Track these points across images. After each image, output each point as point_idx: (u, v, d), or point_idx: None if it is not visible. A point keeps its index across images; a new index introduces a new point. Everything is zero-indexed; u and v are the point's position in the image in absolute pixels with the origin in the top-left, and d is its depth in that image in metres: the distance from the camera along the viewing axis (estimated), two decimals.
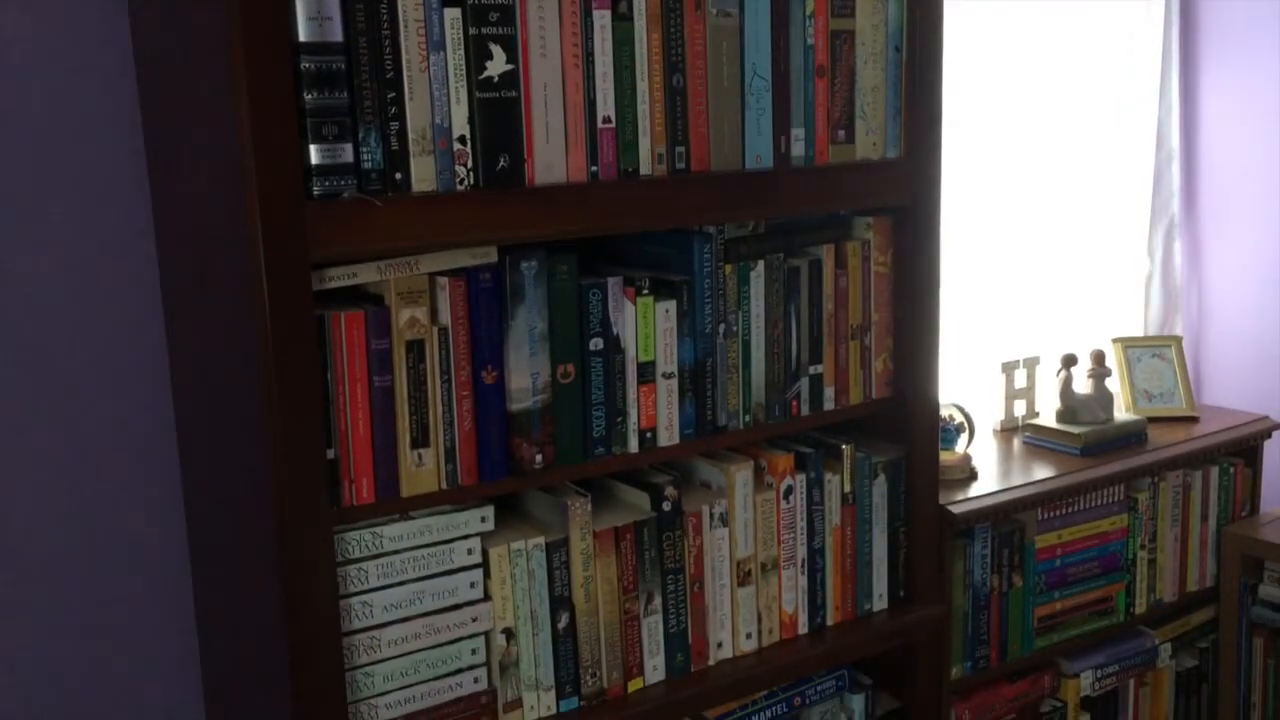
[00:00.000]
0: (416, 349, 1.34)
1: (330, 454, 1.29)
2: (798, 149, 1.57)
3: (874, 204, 1.67)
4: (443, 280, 1.35)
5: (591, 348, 1.46)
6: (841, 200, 1.64)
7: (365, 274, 1.30)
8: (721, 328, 1.56)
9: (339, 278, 1.28)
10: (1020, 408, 2.26)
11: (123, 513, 1.64)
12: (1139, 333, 2.56)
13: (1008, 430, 2.26)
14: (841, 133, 1.61)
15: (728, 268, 1.56)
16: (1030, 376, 2.26)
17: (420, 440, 1.35)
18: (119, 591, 1.64)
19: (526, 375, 1.41)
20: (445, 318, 1.35)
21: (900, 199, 1.67)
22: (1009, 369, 2.24)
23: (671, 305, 1.52)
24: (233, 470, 1.41)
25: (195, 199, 1.41)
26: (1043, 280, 2.43)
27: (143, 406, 1.63)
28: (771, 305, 1.60)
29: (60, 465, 1.59)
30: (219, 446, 1.47)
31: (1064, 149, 2.43)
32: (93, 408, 1.60)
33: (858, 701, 1.80)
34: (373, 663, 1.36)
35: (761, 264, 1.58)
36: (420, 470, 1.36)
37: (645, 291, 1.49)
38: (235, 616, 1.51)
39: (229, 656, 1.57)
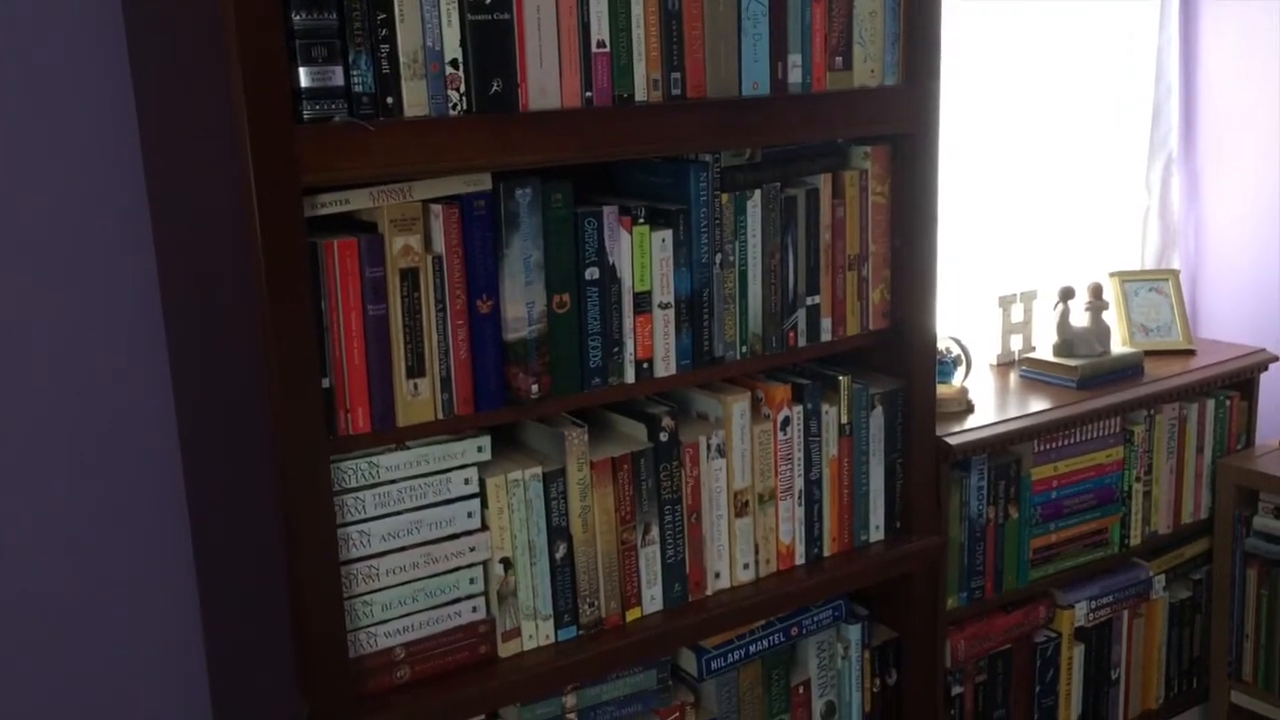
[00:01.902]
0: (411, 277, 1.32)
1: (325, 383, 1.28)
2: (794, 76, 1.55)
3: (872, 132, 1.65)
4: (436, 208, 1.33)
5: (587, 277, 1.45)
6: (839, 128, 1.62)
7: (358, 200, 1.28)
8: (718, 258, 1.55)
9: (331, 204, 1.27)
10: (1017, 342, 2.26)
11: (118, 449, 1.63)
12: (1136, 266, 2.55)
13: (1004, 364, 2.25)
14: (839, 59, 1.59)
15: (724, 197, 1.54)
16: (1027, 311, 2.25)
17: (416, 370, 1.34)
18: (116, 524, 1.64)
19: (522, 304, 1.40)
20: (439, 246, 1.34)
21: (898, 127, 1.65)
22: (1006, 303, 2.23)
23: (668, 235, 1.50)
24: (229, 400, 1.41)
25: (184, 126, 1.39)
26: (1041, 214, 2.41)
27: (136, 341, 1.62)
28: (768, 235, 1.59)
29: (53, 394, 1.58)
30: (214, 377, 1.46)
31: (1064, 82, 2.40)
32: (86, 344, 1.59)
33: (854, 632, 1.81)
34: (371, 591, 1.36)
35: (758, 193, 1.57)
36: (416, 400, 1.35)
37: (641, 221, 1.48)
38: (233, 547, 1.51)
39: (228, 588, 1.57)
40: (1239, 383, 2.24)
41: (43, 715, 1.63)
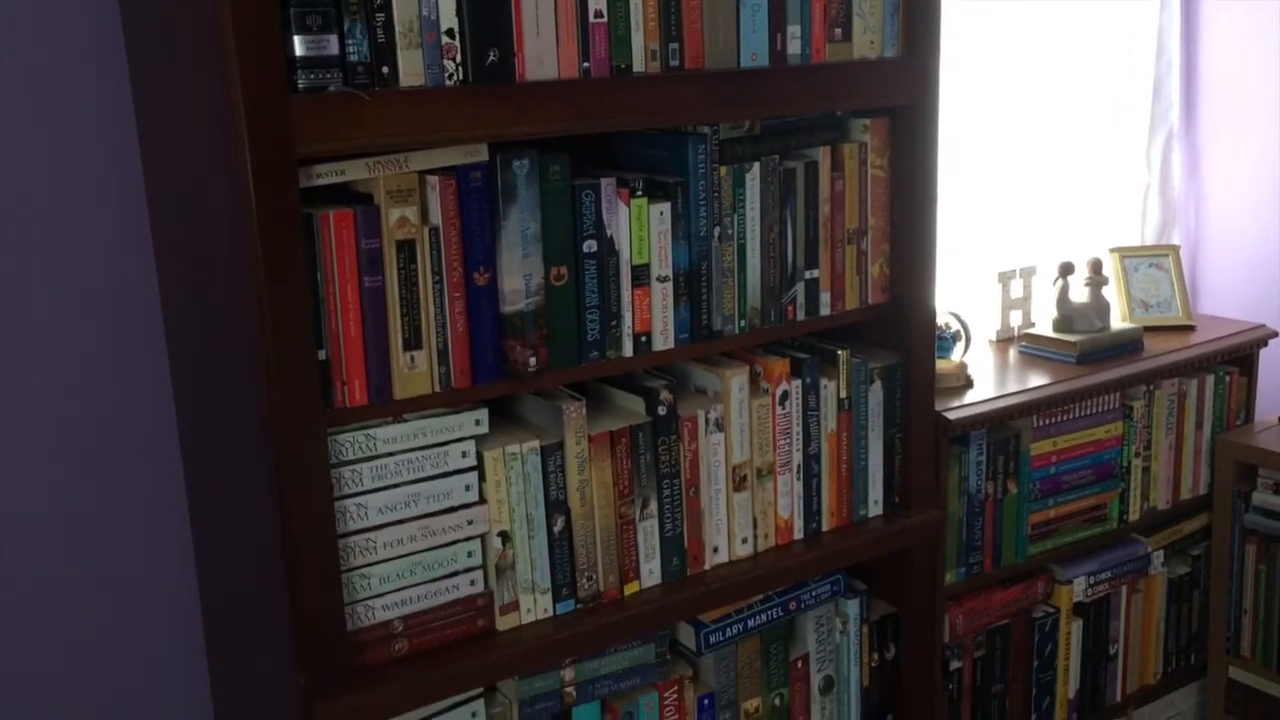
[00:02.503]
0: (407, 249, 1.32)
1: (321, 355, 1.28)
2: (794, 47, 1.54)
3: (871, 105, 1.64)
4: (433, 179, 1.32)
5: (585, 250, 1.44)
6: (838, 100, 1.61)
7: (353, 171, 1.27)
8: (717, 230, 1.54)
9: (327, 174, 1.26)
10: (1016, 318, 2.25)
11: (114, 423, 1.63)
12: (1136, 242, 2.54)
13: (1003, 341, 2.25)
14: (838, 30, 1.58)
15: (722, 169, 1.53)
16: (1026, 287, 2.25)
17: (412, 342, 1.34)
18: (112, 498, 1.64)
19: (519, 277, 1.39)
20: (436, 217, 1.33)
21: (898, 99, 1.64)
22: (1005, 279, 2.23)
23: (666, 207, 1.49)
24: (225, 373, 1.40)
25: (178, 97, 1.38)
26: (1040, 189, 2.40)
27: (131, 315, 1.61)
28: (767, 208, 1.58)
29: (47, 363, 1.58)
30: (210, 350, 1.45)
31: (1064, 58, 2.39)
32: (81, 316, 1.58)
33: (852, 606, 1.81)
34: (369, 564, 1.36)
35: (757, 166, 1.56)
36: (413, 372, 1.34)
37: (639, 193, 1.47)
38: (231, 522, 1.50)
39: (225, 560, 1.57)
40: (1238, 359, 2.24)
41: (33, 678, 1.63)
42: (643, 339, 1.51)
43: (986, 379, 2.02)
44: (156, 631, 1.70)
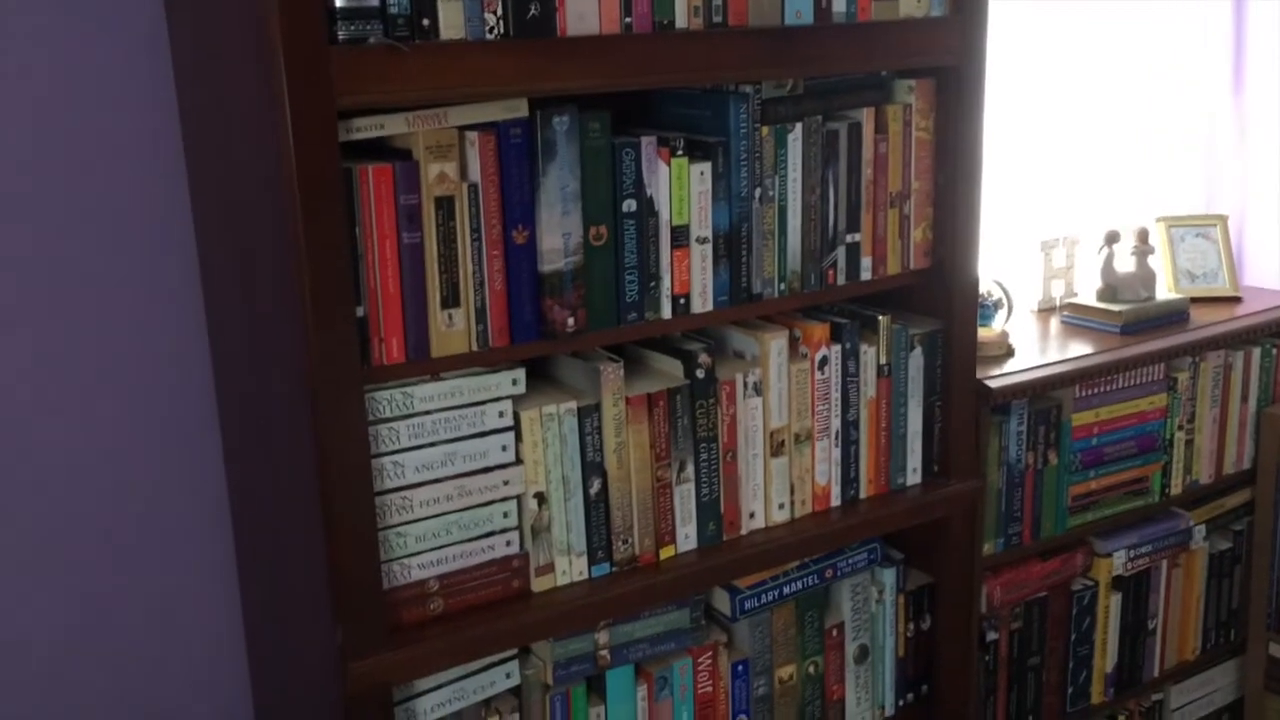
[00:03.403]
0: (446, 205, 1.30)
1: (360, 312, 1.27)
2: (839, 4, 1.51)
3: (917, 64, 1.61)
4: (472, 135, 1.31)
5: (624, 209, 1.43)
6: (883, 59, 1.58)
7: (392, 125, 1.26)
8: (757, 192, 1.52)
9: (366, 128, 1.24)
10: (1059, 288, 2.22)
11: (152, 377, 1.63)
12: (1183, 212, 2.48)
13: (1045, 311, 2.21)
14: None
15: (764, 129, 1.51)
16: (1070, 256, 2.21)
17: (450, 300, 1.33)
18: (149, 457, 1.65)
19: (558, 235, 1.37)
20: (475, 174, 1.32)
21: (944, 59, 1.61)
22: (1048, 248, 2.19)
23: (706, 167, 1.47)
24: (263, 329, 1.40)
25: (218, 49, 1.37)
26: (1086, 157, 2.36)
27: (169, 271, 1.61)
28: (809, 170, 1.56)
29: (87, 332, 1.58)
30: (248, 307, 1.45)
31: (1113, 23, 2.34)
32: (118, 276, 1.58)
33: (889, 575, 1.79)
34: (405, 523, 1.35)
35: (799, 126, 1.54)
36: (450, 331, 1.33)
37: (680, 152, 1.45)
38: (268, 479, 1.50)
39: (262, 520, 1.57)
40: None
41: (72, 631, 1.64)
42: (681, 301, 1.49)
43: (1028, 348, 1.99)
44: (192, 589, 1.71)
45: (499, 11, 1.26)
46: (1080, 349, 1.99)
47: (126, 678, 1.68)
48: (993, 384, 1.82)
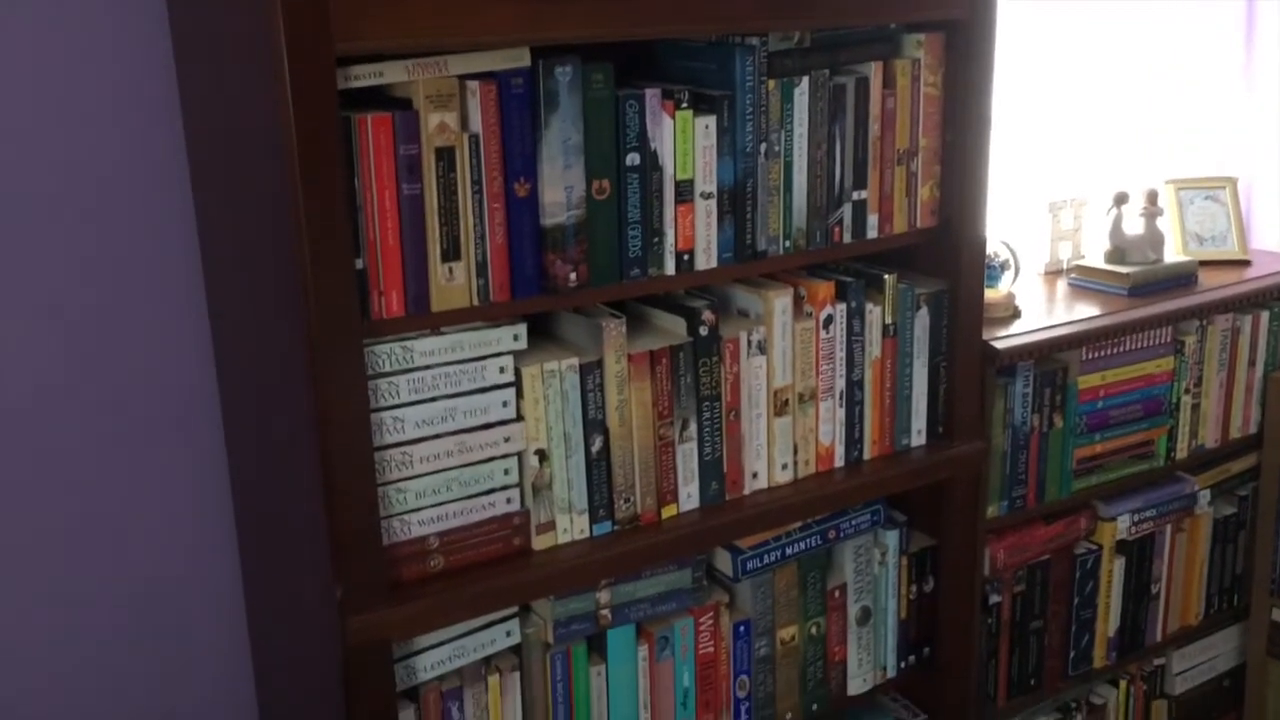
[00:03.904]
0: (446, 157, 1.28)
1: (359, 264, 1.25)
2: None
3: (926, 18, 1.58)
4: (473, 85, 1.28)
5: (628, 163, 1.40)
6: (891, 12, 1.55)
7: (392, 73, 1.24)
8: (763, 147, 1.50)
9: (364, 76, 1.22)
10: (1065, 250, 2.19)
11: (148, 339, 1.61)
12: (1192, 174, 2.45)
13: (1052, 273, 2.19)
14: None
15: (770, 83, 1.48)
16: (1077, 218, 2.18)
17: (451, 253, 1.31)
18: (147, 413, 1.63)
19: (560, 189, 1.35)
20: (476, 124, 1.29)
21: (954, 13, 1.58)
22: (1056, 209, 2.16)
23: (711, 121, 1.45)
24: (261, 280, 1.38)
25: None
26: (1094, 117, 2.33)
27: (165, 225, 1.59)
28: (815, 125, 1.53)
29: (81, 281, 1.56)
30: (246, 258, 1.43)
31: None
32: (111, 225, 1.56)
33: (891, 538, 1.78)
34: (405, 479, 1.34)
35: (806, 80, 1.51)
36: (451, 285, 1.31)
37: (684, 105, 1.43)
38: (266, 433, 1.49)
39: (261, 475, 1.56)
40: None
41: (68, 585, 1.63)
42: (685, 257, 1.47)
43: (1035, 310, 1.97)
44: (190, 546, 1.70)
45: None
46: (1087, 311, 1.97)
47: (122, 634, 1.68)
48: (999, 345, 1.80)
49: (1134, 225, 2.12)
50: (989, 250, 1.83)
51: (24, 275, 1.52)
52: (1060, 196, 2.17)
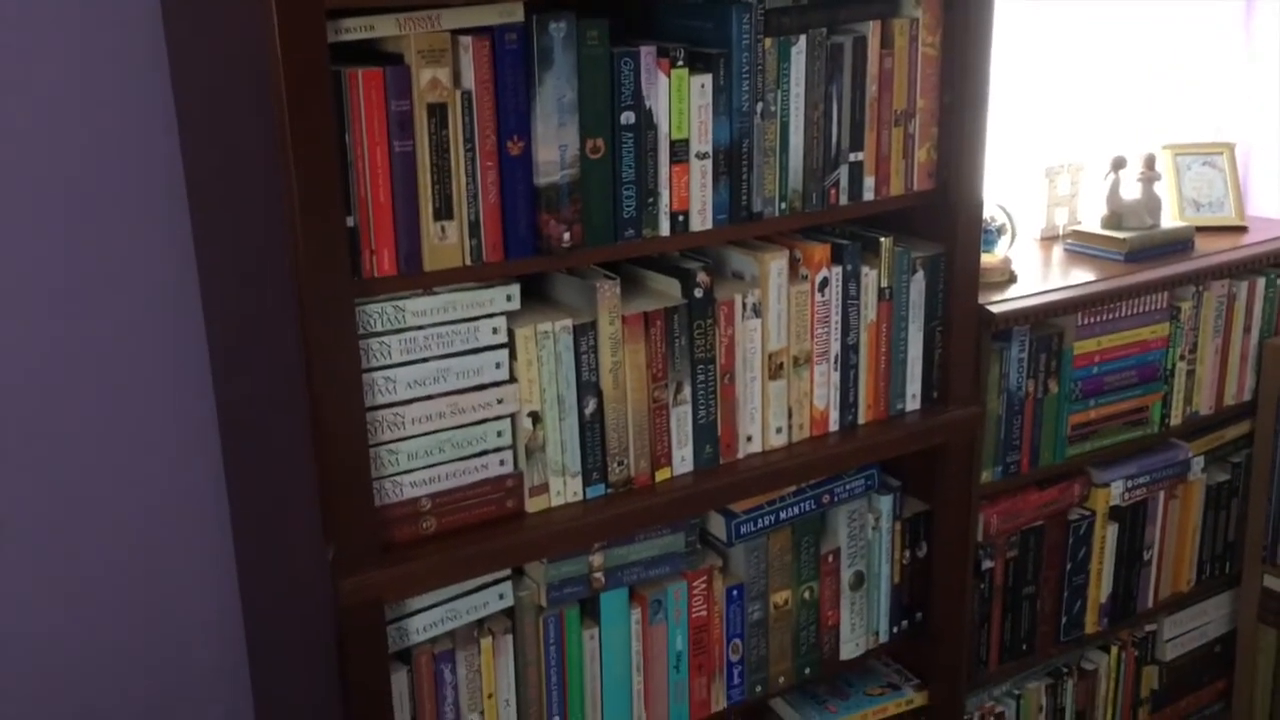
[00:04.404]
0: (439, 113, 1.26)
1: (350, 222, 1.24)
2: None
3: None
4: (466, 40, 1.27)
5: (622, 122, 1.39)
6: None
7: (383, 26, 1.22)
8: (759, 107, 1.48)
9: (355, 29, 1.20)
10: (1062, 216, 2.18)
11: (138, 289, 1.60)
12: (1190, 140, 2.44)
13: (1048, 239, 2.18)
14: None
15: (767, 41, 1.46)
16: (1074, 183, 2.17)
17: (443, 212, 1.29)
18: (137, 370, 1.62)
19: (554, 147, 1.34)
20: (469, 81, 1.27)
21: None
22: (1052, 174, 2.15)
23: (707, 80, 1.43)
24: (251, 238, 1.36)
25: None
26: (1093, 82, 2.31)
27: (154, 184, 1.57)
28: (812, 85, 1.52)
29: (68, 245, 1.54)
30: (236, 216, 1.41)
31: None
32: (99, 185, 1.54)
33: (885, 502, 1.78)
34: (397, 439, 1.33)
35: (803, 39, 1.49)
36: (443, 244, 1.30)
37: (680, 63, 1.41)
38: (258, 393, 1.48)
39: (252, 435, 1.55)
40: None
41: (57, 546, 1.63)
42: (680, 218, 1.46)
43: (1031, 275, 1.96)
44: (181, 509, 1.69)
45: None
46: (1083, 276, 1.96)
47: (114, 596, 1.67)
48: (994, 310, 1.79)
49: (1131, 190, 2.10)
50: (985, 214, 1.82)
51: (5, 228, 1.51)
52: (1057, 161, 2.16)
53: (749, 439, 1.60)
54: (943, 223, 1.69)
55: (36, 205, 1.51)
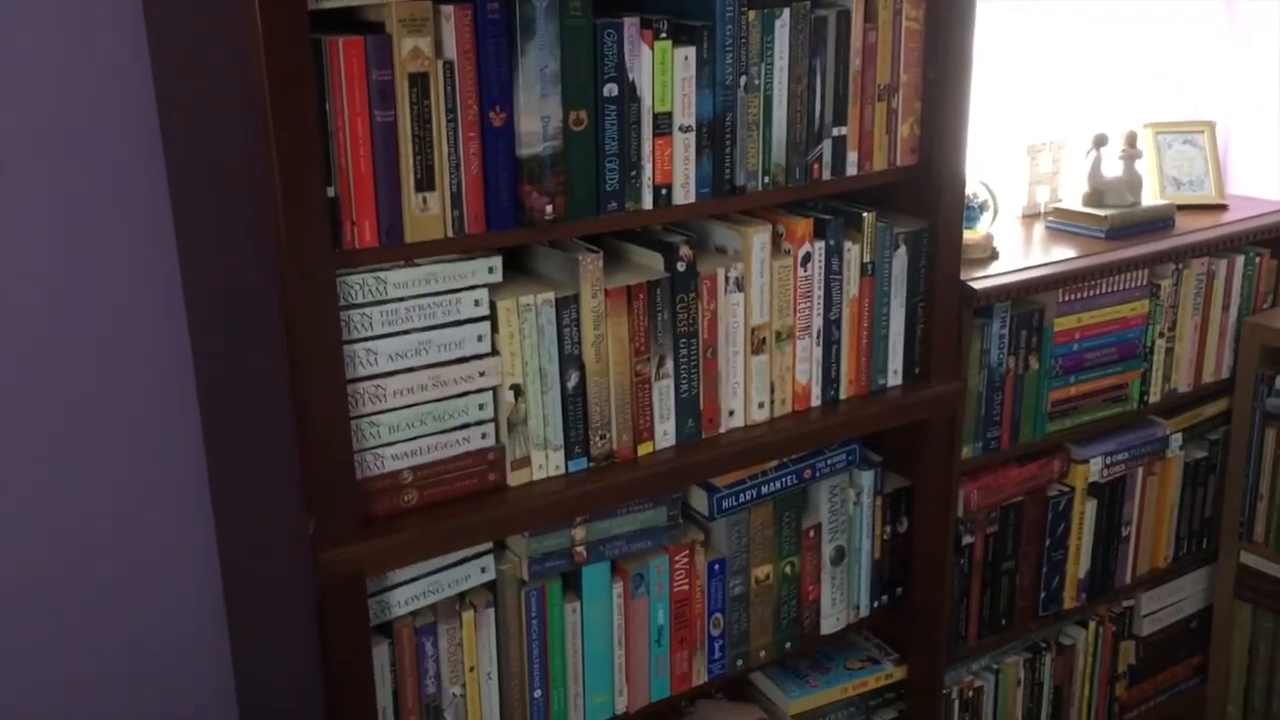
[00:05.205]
0: (420, 83, 1.25)
1: (330, 192, 1.22)
2: None
3: None
4: (447, 9, 1.25)
5: (605, 94, 1.38)
6: None
7: None
8: (743, 80, 1.47)
9: None
10: (1043, 194, 2.18)
11: (114, 274, 1.58)
12: (1171, 118, 2.45)
13: (1029, 217, 2.18)
14: None
15: (751, 14, 1.46)
16: (1055, 161, 2.18)
17: (425, 183, 1.28)
18: (114, 341, 1.60)
19: (537, 119, 1.33)
20: (450, 50, 1.26)
21: None
22: (1034, 152, 2.15)
23: (691, 52, 1.42)
24: (231, 208, 1.35)
25: None
26: (1073, 60, 2.31)
27: (132, 155, 1.55)
28: (796, 58, 1.51)
29: (47, 218, 1.53)
30: (216, 185, 1.40)
31: None
32: (75, 154, 1.53)
33: (866, 478, 1.78)
34: (378, 412, 1.32)
35: (787, 12, 1.49)
36: (425, 215, 1.29)
37: (663, 35, 1.40)
38: (238, 365, 1.47)
39: (231, 408, 1.54)
40: (1270, 240, 2.18)
41: (34, 522, 1.61)
42: (663, 192, 1.45)
43: (1012, 252, 1.97)
44: (160, 483, 1.68)
45: None
46: (1064, 253, 1.97)
47: (92, 569, 1.66)
48: (976, 285, 1.79)
49: (1112, 168, 2.11)
50: (968, 191, 1.82)
51: None
52: (1039, 139, 2.16)
53: (731, 414, 1.60)
54: (925, 198, 1.69)
55: (11, 174, 1.50)
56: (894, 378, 1.74)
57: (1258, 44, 2.46)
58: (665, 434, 1.55)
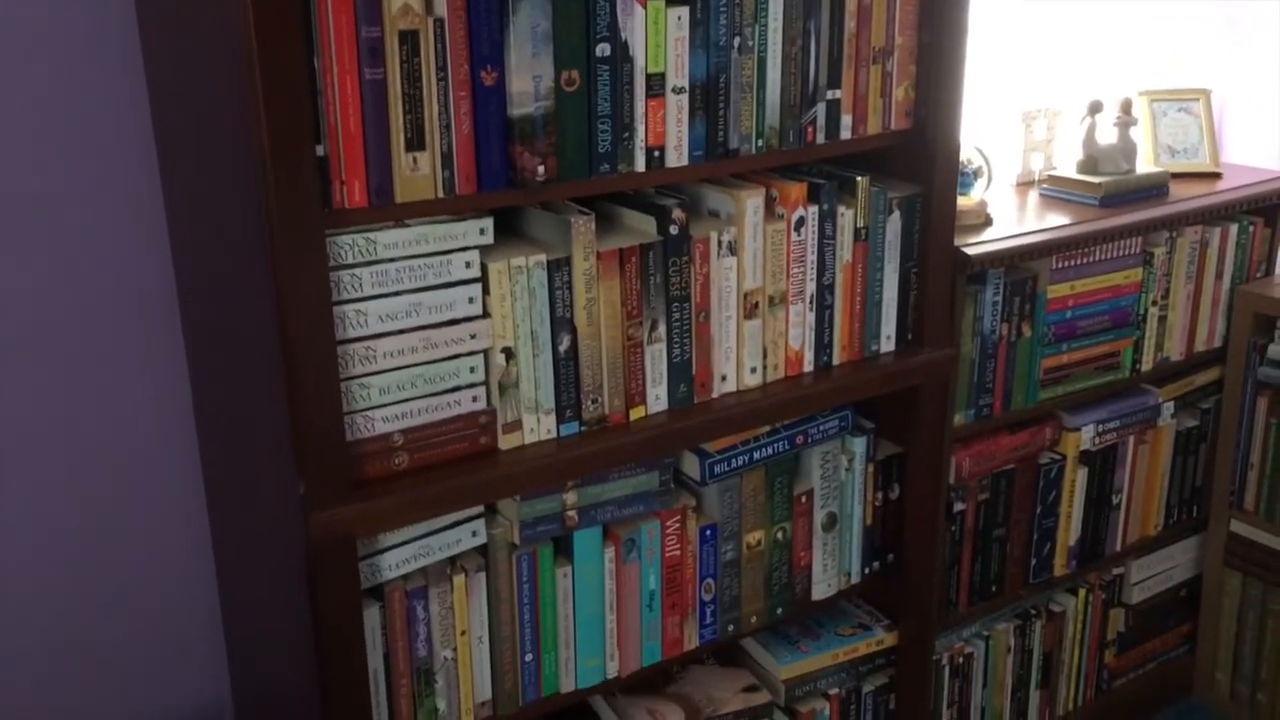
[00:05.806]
0: (410, 41, 1.24)
1: (320, 150, 1.21)
2: None
3: None
4: None
5: (598, 54, 1.36)
6: None
7: None
8: (736, 41, 1.46)
9: None
10: (1038, 161, 2.18)
11: (105, 236, 1.57)
12: (1166, 86, 2.44)
13: (1024, 184, 2.18)
14: None
15: None
16: (1050, 128, 2.17)
17: (415, 143, 1.27)
18: (101, 313, 1.59)
19: (529, 78, 1.31)
20: (441, 8, 1.25)
21: None
22: (1029, 119, 2.14)
23: (684, 12, 1.41)
24: (219, 167, 1.33)
25: None
26: (1067, 27, 2.30)
27: (118, 112, 1.54)
28: (790, 19, 1.50)
29: (36, 185, 1.51)
30: (203, 146, 1.38)
31: None
32: (64, 112, 1.51)
33: (859, 444, 1.78)
34: (369, 374, 1.31)
35: None
36: (416, 175, 1.28)
37: None
38: (227, 326, 1.46)
39: (221, 370, 1.53)
40: (1264, 208, 2.17)
41: (25, 483, 1.61)
42: (655, 154, 1.44)
43: (1006, 219, 1.96)
44: (150, 444, 1.67)
45: None
46: (1058, 220, 1.96)
47: (82, 532, 1.65)
48: (970, 252, 1.79)
49: (1107, 135, 2.10)
50: (962, 157, 1.81)
51: None
52: (1034, 106, 2.15)
53: (724, 378, 1.60)
54: (920, 163, 1.68)
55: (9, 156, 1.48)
56: (887, 344, 1.73)
57: (1253, 11, 2.45)
58: (657, 398, 1.54)
